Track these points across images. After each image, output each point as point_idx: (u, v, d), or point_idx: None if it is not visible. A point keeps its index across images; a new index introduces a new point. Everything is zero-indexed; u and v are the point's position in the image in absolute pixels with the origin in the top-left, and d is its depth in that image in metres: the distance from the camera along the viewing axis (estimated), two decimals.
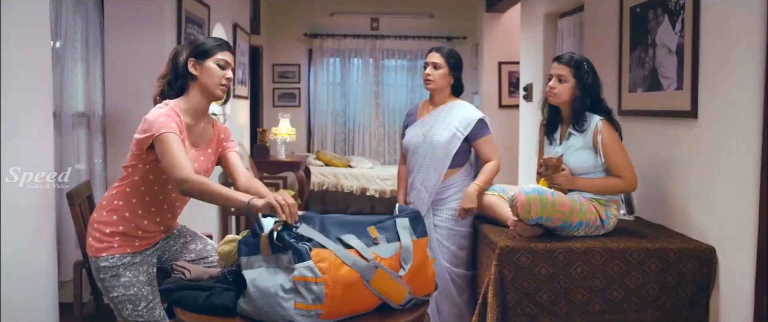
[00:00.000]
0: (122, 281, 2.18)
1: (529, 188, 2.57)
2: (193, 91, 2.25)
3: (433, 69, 3.07)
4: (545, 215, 2.53)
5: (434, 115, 3.13)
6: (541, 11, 5.08)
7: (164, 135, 2.07)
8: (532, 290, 2.51)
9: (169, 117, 2.12)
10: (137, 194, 2.22)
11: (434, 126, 3.08)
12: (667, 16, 2.89)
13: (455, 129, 3.04)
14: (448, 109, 3.11)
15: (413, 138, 3.16)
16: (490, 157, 3.07)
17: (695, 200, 2.70)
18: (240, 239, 1.88)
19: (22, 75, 2.29)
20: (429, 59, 3.10)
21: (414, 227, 1.98)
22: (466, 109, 3.11)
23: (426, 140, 3.08)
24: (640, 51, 3.17)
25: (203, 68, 2.23)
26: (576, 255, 2.52)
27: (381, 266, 1.79)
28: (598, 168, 2.69)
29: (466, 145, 3.08)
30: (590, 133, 2.67)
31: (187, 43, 2.30)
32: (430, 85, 3.10)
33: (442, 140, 3.03)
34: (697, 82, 2.66)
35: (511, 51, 7.11)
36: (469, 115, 3.07)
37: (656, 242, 2.58)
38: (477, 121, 3.05)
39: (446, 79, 3.09)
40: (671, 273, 2.53)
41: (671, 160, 2.88)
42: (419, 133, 3.13)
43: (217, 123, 2.44)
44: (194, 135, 2.28)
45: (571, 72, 2.69)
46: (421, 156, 3.10)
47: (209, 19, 4.57)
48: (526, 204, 2.51)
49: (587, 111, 2.70)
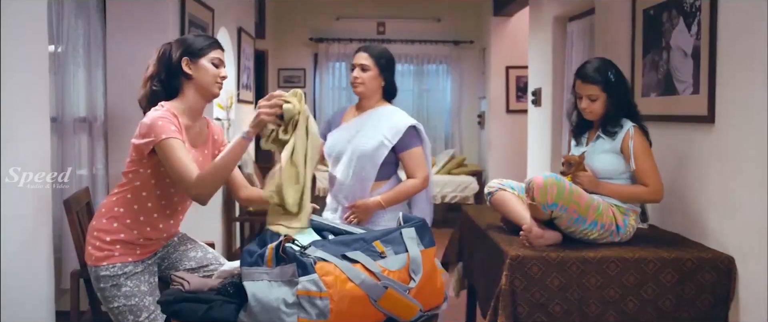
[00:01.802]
0: (123, 291, 2.12)
1: (548, 173, 2.51)
2: (188, 91, 2.20)
3: (360, 71, 2.75)
4: (561, 202, 2.45)
5: (361, 121, 2.80)
6: (550, 15, 5.01)
7: (167, 141, 2.02)
8: (545, 302, 2.43)
9: (167, 120, 2.06)
10: (139, 199, 2.16)
11: (360, 132, 2.75)
12: (682, 18, 2.81)
13: (383, 137, 2.71)
14: (377, 114, 2.79)
15: (337, 144, 2.81)
16: (414, 174, 2.75)
17: (713, 208, 2.61)
18: (244, 248, 1.80)
19: (18, 76, 2.25)
20: (356, 61, 2.77)
21: (421, 236, 1.90)
22: (397, 115, 2.79)
23: (351, 148, 2.75)
24: (653, 54, 3.09)
25: (198, 67, 2.18)
26: (590, 265, 2.44)
27: (391, 286, 1.71)
28: (621, 174, 2.62)
29: (393, 156, 2.77)
30: (620, 138, 2.61)
31: (177, 42, 2.23)
32: (359, 89, 2.77)
33: (368, 149, 2.71)
34: (714, 85, 2.58)
35: (518, 55, 7.05)
36: (399, 122, 2.74)
37: (673, 252, 2.49)
38: (407, 129, 2.72)
39: (376, 82, 2.77)
40: (689, 284, 2.44)
41: (687, 166, 2.80)
42: (344, 140, 2.80)
43: (211, 123, 2.39)
44: (192, 135, 2.22)
45: (600, 88, 2.61)
46: (346, 165, 2.76)
47: (213, 22, 4.51)
48: (544, 187, 2.43)
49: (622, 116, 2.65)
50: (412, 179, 2.75)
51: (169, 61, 2.19)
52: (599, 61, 2.68)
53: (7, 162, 2.18)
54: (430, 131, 8.11)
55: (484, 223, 3.02)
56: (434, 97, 8.15)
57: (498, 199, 2.85)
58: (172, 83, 2.20)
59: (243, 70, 5.87)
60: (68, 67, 3.35)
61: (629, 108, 2.67)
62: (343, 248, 1.77)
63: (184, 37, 2.27)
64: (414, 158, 2.75)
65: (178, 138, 2.05)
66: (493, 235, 2.79)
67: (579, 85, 2.66)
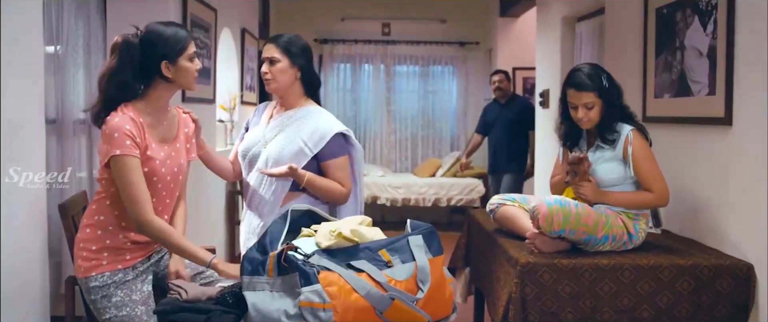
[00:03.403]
0: (114, 301, 2.05)
1: (552, 199, 2.42)
2: (159, 90, 2.09)
3: (269, 65, 2.39)
4: (568, 228, 2.38)
5: (280, 122, 2.44)
6: (558, 15, 4.93)
7: (120, 159, 1.95)
8: (556, 310, 2.35)
9: (124, 133, 1.96)
10: (118, 205, 2.09)
11: (279, 136, 2.41)
12: (697, 16, 2.73)
13: (303, 143, 2.36)
14: (299, 116, 2.42)
15: (252, 146, 2.46)
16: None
17: (730, 213, 2.52)
18: (244, 255, 1.72)
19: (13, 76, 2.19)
20: (264, 54, 2.42)
21: (429, 244, 1.81)
22: (322, 118, 2.41)
23: (266, 152, 2.40)
24: (666, 54, 3.00)
25: (178, 69, 2.07)
26: (603, 272, 2.35)
27: (398, 297, 1.62)
28: (627, 180, 2.53)
29: (315, 165, 2.40)
30: (620, 145, 2.51)
31: (147, 42, 2.04)
32: (271, 86, 2.41)
33: (286, 155, 2.35)
34: (731, 86, 2.49)
35: (525, 57, 6.97)
36: (324, 126, 2.37)
37: (689, 259, 2.41)
38: (333, 136, 2.36)
39: (289, 75, 2.40)
40: (706, 292, 2.36)
41: (702, 169, 2.71)
42: (259, 141, 2.45)
43: (181, 114, 2.27)
44: (159, 131, 2.13)
45: (596, 95, 2.51)
46: (258, 171, 2.41)
47: (216, 23, 4.44)
48: (549, 216, 2.36)
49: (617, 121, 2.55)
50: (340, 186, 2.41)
51: (136, 61, 2.03)
52: (590, 67, 2.57)
53: (6, 162, 2.14)
54: (436, 133, 8.04)
55: (492, 227, 2.94)
56: (440, 98, 8.07)
57: (501, 215, 2.78)
58: (137, 84, 2.07)
59: (246, 72, 5.80)
60: (68, 68, 3.28)
61: (623, 111, 2.58)
62: (347, 256, 1.69)
63: (152, 30, 2.07)
64: (337, 169, 2.39)
65: (132, 155, 1.97)
66: (502, 240, 2.71)
67: (572, 95, 2.54)
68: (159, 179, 2.09)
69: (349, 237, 1.72)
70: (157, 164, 2.07)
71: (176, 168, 2.16)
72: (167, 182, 2.13)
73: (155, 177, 2.07)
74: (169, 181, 2.14)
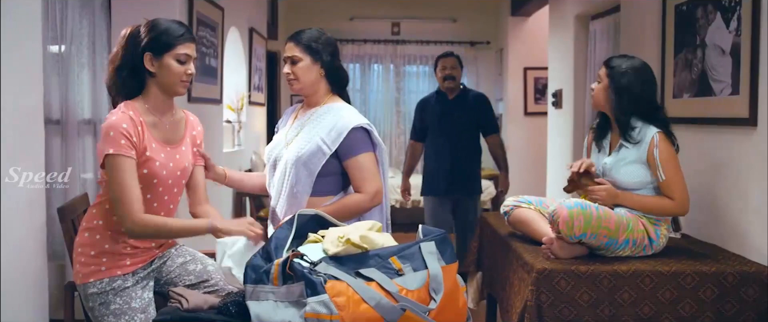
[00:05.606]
0: (112, 308, 1.98)
1: (572, 202, 2.32)
2: (152, 87, 2.03)
3: (291, 65, 2.26)
4: (589, 231, 2.29)
5: (303, 121, 2.31)
6: (572, 13, 4.83)
7: (113, 158, 1.88)
8: (573, 318, 2.26)
9: (120, 131, 1.90)
10: None
11: (300, 134, 2.27)
12: (719, 13, 2.63)
13: (321, 141, 2.20)
14: (320, 113, 2.28)
15: (274, 149, 2.34)
16: (360, 187, 2.21)
17: (755, 217, 2.42)
18: (247, 263, 1.64)
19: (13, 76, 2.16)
20: (285, 53, 2.30)
21: (442, 251, 1.72)
22: (341, 113, 2.24)
23: (286, 154, 2.26)
24: (686, 53, 2.90)
25: (161, 65, 1.99)
26: (622, 279, 2.26)
27: (409, 308, 1.53)
28: (648, 185, 2.44)
29: (338, 166, 2.23)
30: (645, 147, 2.41)
31: (146, 29, 2.01)
32: (294, 86, 2.29)
33: (303, 155, 2.19)
34: (756, 85, 2.40)
35: (537, 56, 6.88)
36: (341, 121, 2.20)
37: (712, 265, 2.31)
38: (350, 131, 2.18)
39: (312, 73, 2.26)
40: (730, 300, 2.26)
41: (725, 172, 2.61)
42: (281, 143, 2.32)
43: (190, 117, 2.21)
44: (163, 132, 2.06)
45: (606, 72, 2.48)
46: (281, 175, 2.26)
47: (223, 22, 4.38)
48: (569, 220, 2.27)
49: (638, 120, 2.44)
50: (358, 194, 2.22)
51: (133, 52, 1.99)
52: (626, 55, 2.57)
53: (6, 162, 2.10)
54: None
55: (506, 231, 2.85)
56: None
57: (516, 217, 2.69)
58: (136, 78, 2.02)
59: (254, 72, 5.74)
60: (72, 68, 3.24)
61: (653, 112, 2.46)
62: (356, 264, 1.60)
63: (155, 22, 2.03)
64: (360, 167, 2.20)
65: (126, 156, 1.90)
66: (516, 245, 2.62)
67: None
68: (159, 181, 2.02)
69: (358, 244, 1.64)
70: (157, 166, 2.00)
71: (179, 171, 2.08)
72: (168, 184, 2.05)
73: (155, 179, 2.00)
74: (171, 184, 2.06)
